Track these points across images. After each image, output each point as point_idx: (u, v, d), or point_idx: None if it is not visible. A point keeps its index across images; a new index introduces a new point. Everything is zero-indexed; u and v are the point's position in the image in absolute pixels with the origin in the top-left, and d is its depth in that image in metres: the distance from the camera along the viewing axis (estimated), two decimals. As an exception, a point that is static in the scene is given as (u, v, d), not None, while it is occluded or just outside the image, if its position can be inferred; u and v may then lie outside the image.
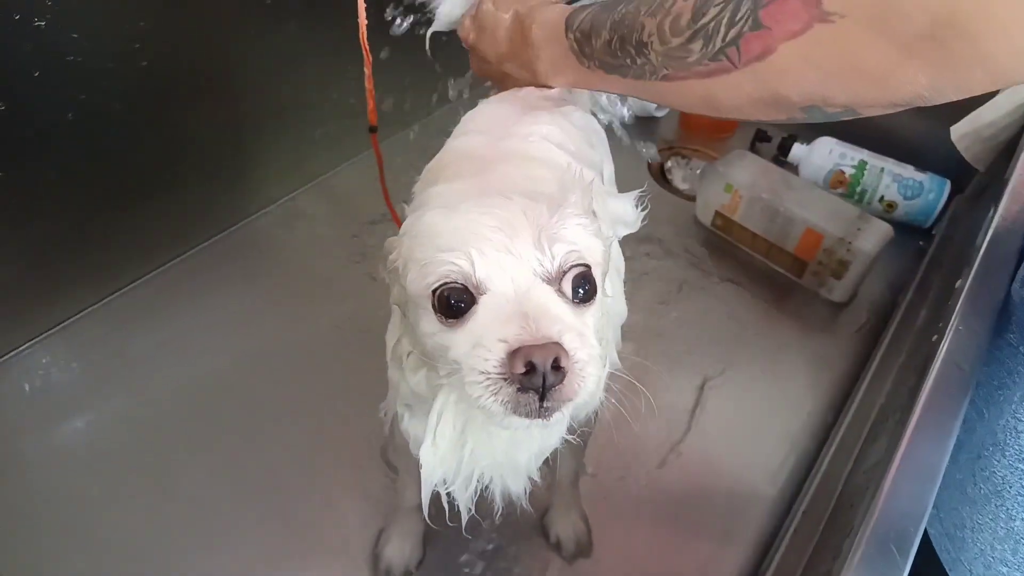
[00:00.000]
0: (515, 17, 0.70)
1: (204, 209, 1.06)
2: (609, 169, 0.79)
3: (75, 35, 0.77)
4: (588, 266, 0.48)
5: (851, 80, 0.47)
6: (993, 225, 0.74)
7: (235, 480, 0.85)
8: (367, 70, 0.80)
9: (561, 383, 0.42)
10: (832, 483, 0.81)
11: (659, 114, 1.39)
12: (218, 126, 1.00)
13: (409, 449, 0.63)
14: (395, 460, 0.72)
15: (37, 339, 0.95)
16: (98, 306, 0.99)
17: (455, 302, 0.46)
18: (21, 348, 0.94)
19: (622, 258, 0.68)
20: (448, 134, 0.70)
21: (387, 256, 0.53)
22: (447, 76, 0.92)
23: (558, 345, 0.42)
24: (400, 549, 0.78)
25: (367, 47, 0.78)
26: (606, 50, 0.61)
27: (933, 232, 1.17)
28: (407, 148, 1.22)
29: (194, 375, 0.94)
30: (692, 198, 1.22)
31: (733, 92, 0.53)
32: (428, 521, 0.56)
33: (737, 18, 0.50)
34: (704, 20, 0.52)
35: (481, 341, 0.44)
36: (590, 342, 0.46)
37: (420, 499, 0.73)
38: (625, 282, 0.69)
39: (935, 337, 0.67)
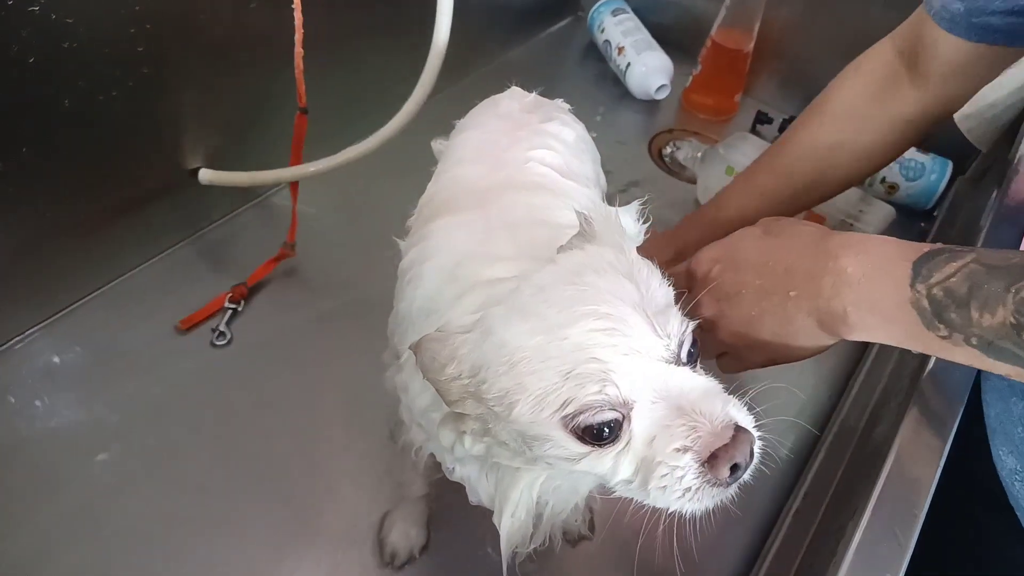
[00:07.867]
0: (812, 232, 0.53)
1: (205, 194, 1.05)
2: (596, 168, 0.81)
3: (70, 20, 0.76)
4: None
5: None
6: (996, 206, 0.74)
7: (239, 466, 0.85)
8: (298, 47, 0.78)
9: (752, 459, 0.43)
10: (834, 466, 0.82)
11: (659, 96, 1.38)
12: (218, 111, 1.00)
13: (412, 457, 0.65)
14: (402, 456, 0.72)
15: (40, 325, 0.94)
16: (101, 292, 0.99)
17: (606, 429, 0.42)
18: (25, 335, 0.93)
19: None
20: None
21: (437, 366, 0.45)
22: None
23: (746, 432, 0.42)
24: (405, 534, 0.79)
25: (301, 19, 0.76)
26: (1003, 332, 0.42)
27: (935, 213, 1.17)
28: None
29: (197, 361, 0.94)
30: (692, 181, 1.21)
31: None
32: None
33: None
34: None
35: (656, 457, 0.42)
36: (737, 401, 0.45)
37: (424, 491, 0.73)
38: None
39: (938, 320, 0.67)
